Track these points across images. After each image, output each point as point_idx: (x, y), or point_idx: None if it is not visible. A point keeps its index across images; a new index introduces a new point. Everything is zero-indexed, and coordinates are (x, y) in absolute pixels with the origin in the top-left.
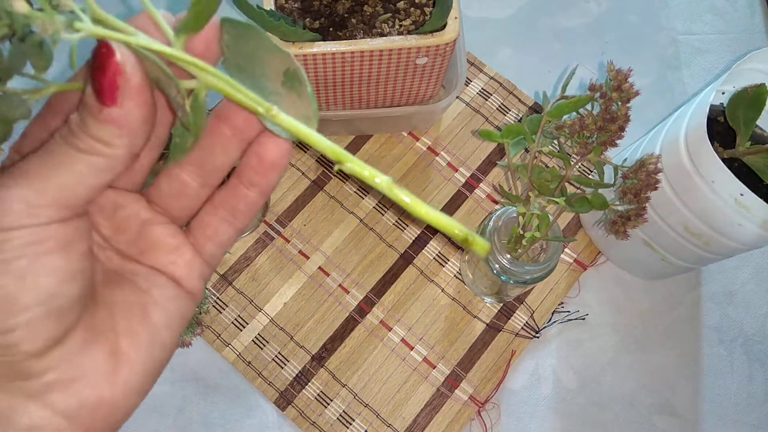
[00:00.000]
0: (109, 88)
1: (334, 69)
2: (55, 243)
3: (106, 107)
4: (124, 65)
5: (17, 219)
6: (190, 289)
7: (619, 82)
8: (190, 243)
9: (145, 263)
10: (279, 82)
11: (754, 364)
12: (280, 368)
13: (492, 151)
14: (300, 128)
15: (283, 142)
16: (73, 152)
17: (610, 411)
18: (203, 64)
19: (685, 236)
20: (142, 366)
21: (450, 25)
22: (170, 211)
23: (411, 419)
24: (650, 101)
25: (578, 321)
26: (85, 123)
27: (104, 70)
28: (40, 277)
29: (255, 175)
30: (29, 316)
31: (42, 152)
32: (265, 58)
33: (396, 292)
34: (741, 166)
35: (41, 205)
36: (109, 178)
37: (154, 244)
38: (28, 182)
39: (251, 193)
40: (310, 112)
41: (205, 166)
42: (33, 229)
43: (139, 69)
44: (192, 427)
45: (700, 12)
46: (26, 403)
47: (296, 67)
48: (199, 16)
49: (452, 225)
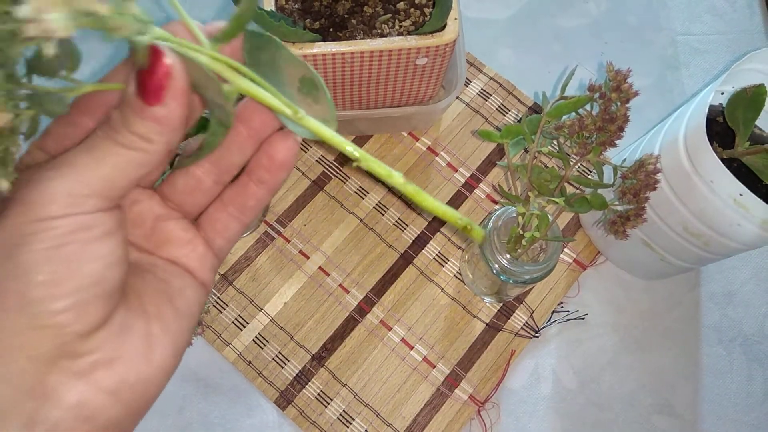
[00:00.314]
0: (156, 88)
1: (335, 69)
2: (99, 231)
3: (150, 106)
4: (172, 68)
5: (62, 208)
6: (203, 280)
7: (619, 82)
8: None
9: (160, 256)
10: (295, 88)
11: (753, 364)
12: (281, 368)
13: (492, 152)
14: (323, 130)
15: (293, 142)
16: (116, 147)
17: (610, 411)
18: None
19: (684, 236)
20: (172, 347)
21: (450, 25)
22: (183, 207)
23: (411, 419)
24: (649, 102)
25: (578, 321)
26: (127, 120)
27: (153, 72)
28: (89, 263)
29: (265, 173)
30: (78, 299)
31: (85, 146)
32: (283, 66)
33: (396, 292)
34: (740, 167)
35: (85, 195)
36: (146, 171)
37: (168, 238)
38: (73, 174)
39: (260, 190)
40: (328, 115)
41: (220, 164)
42: (78, 217)
43: (185, 72)
44: (192, 427)
45: (699, 12)
46: (73, 381)
47: (313, 75)
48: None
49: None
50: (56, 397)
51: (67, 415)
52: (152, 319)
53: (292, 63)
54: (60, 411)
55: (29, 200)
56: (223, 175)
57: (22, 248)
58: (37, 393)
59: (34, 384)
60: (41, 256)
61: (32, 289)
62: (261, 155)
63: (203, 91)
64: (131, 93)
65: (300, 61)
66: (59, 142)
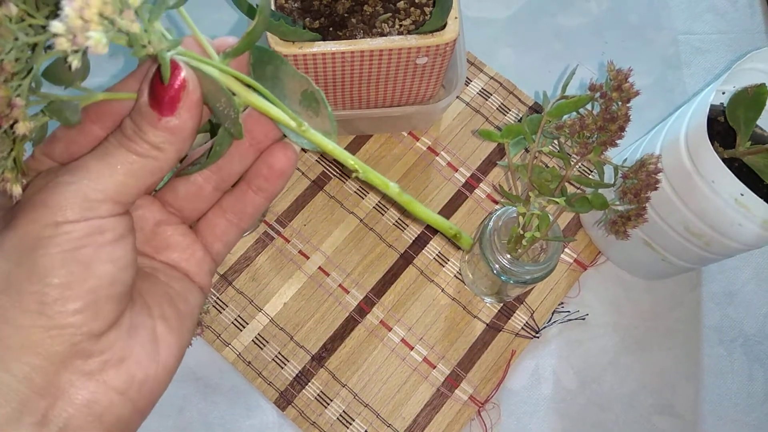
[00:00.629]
0: (171, 100)
1: (334, 69)
2: (113, 235)
3: (164, 117)
4: (188, 81)
5: (78, 212)
6: (201, 283)
7: (620, 81)
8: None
9: (160, 260)
10: (297, 101)
11: (754, 365)
12: (280, 368)
13: (492, 151)
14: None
15: (292, 153)
16: (129, 155)
17: (611, 411)
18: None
19: (685, 236)
20: (176, 347)
21: (450, 25)
22: (182, 212)
23: (411, 419)
24: (650, 101)
25: (578, 321)
26: (141, 129)
27: (170, 85)
28: (102, 265)
29: (264, 181)
30: (92, 300)
31: (99, 153)
32: (285, 79)
33: (396, 292)
34: (741, 166)
35: (100, 200)
36: (158, 178)
37: (168, 242)
38: (88, 180)
39: (258, 197)
40: (329, 127)
41: (221, 172)
42: (93, 221)
43: (199, 85)
44: (192, 427)
45: (700, 12)
46: (85, 380)
47: (314, 90)
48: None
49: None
50: (69, 396)
51: (79, 413)
52: (157, 320)
53: (294, 77)
54: (72, 409)
55: (46, 204)
56: (223, 183)
57: (38, 251)
58: (51, 391)
59: (47, 383)
60: (57, 258)
61: (48, 291)
62: (261, 164)
63: (214, 103)
64: (145, 103)
65: (302, 75)
66: (66, 149)
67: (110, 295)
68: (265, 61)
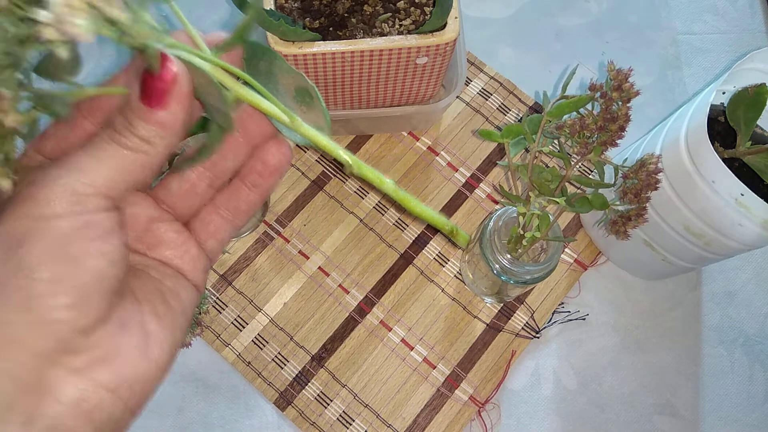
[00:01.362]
0: (161, 93)
1: (334, 69)
2: (102, 230)
3: (154, 110)
4: (178, 74)
5: (67, 206)
6: (195, 281)
7: (620, 81)
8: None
9: (153, 257)
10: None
11: (754, 365)
12: (280, 368)
13: (492, 151)
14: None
15: (286, 148)
16: (119, 149)
17: (611, 411)
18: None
19: (685, 236)
20: (168, 345)
21: (450, 24)
22: (175, 209)
23: (411, 419)
24: (651, 101)
25: (579, 321)
26: (131, 123)
27: (160, 77)
28: (92, 259)
29: (258, 178)
30: (80, 296)
31: (89, 148)
32: (279, 75)
33: (396, 292)
34: (741, 166)
35: (89, 194)
36: (148, 173)
37: (161, 240)
38: (78, 174)
39: (253, 194)
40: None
41: (215, 168)
42: (82, 216)
43: (189, 78)
44: (192, 427)
45: (700, 12)
46: (73, 377)
47: (307, 85)
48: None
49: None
50: (56, 393)
51: (67, 410)
52: (148, 317)
53: (288, 72)
54: (60, 406)
55: (34, 198)
56: (216, 179)
57: (26, 245)
58: (38, 388)
59: (34, 379)
60: (45, 253)
61: (36, 286)
62: (255, 160)
63: (205, 97)
64: (135, 97)
65: (295, 71)
66: (57, 145)
67: (99, 290)
68: (259, 57)
